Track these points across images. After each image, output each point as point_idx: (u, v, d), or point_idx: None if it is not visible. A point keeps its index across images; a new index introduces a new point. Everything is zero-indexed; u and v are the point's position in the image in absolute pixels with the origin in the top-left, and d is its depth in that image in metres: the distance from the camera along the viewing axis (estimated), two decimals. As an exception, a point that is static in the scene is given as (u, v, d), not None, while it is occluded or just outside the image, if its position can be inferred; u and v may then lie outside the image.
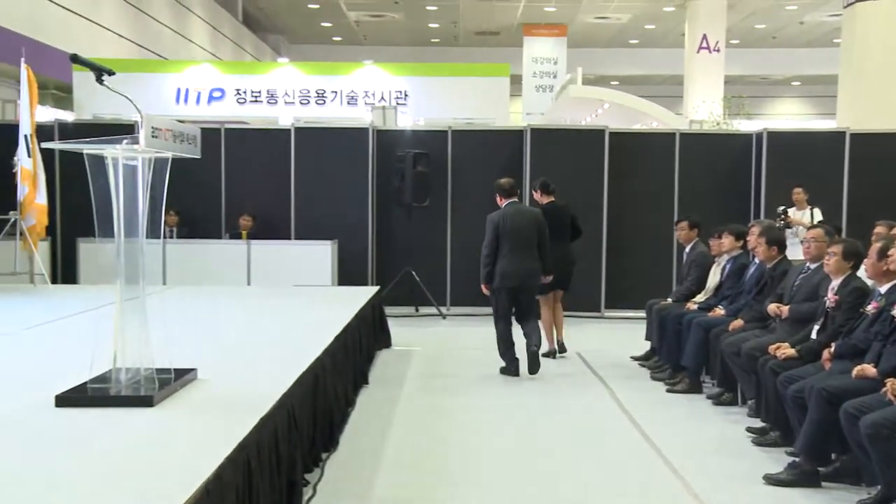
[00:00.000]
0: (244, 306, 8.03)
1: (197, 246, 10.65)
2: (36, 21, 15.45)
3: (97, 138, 4.00)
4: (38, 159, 9.08)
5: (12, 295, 8.49)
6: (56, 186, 10.56)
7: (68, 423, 3.73)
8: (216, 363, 4.93)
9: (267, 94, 15.47)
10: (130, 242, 4.12)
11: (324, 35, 32.35)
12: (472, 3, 26.92)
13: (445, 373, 7.90)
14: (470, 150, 11.37)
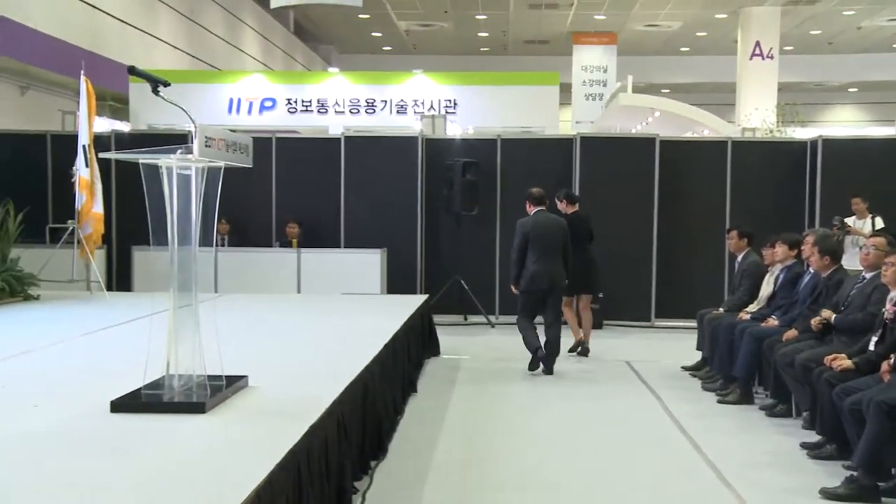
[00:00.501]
0: (294, 314, 8.10)
1: (248, 254, 10.77)
2: (95, 34, 15.78)
3: (152, 148, 4.06)
4: (95, 169, 9.25)
5: (69, 302, 8.66)
6: (112, 195, 10.75)
7: (123, 429, 3.78)
8: (267, 370, 4.97)
9: (317, 104, 15.59)
10: (183, 250, 4.17)
11: (374, 45, 32.55)
12: (522, 11, 26.89)
13: (494, 381, 7.87)
14: (519, 158, 11.35)
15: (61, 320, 7.57)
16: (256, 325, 7.29)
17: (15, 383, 4.75)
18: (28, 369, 5.27)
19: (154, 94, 4.09)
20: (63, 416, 4.01)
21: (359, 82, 15.91)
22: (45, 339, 6.26)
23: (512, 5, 26.07)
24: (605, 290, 10.88)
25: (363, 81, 15.95)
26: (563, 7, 26.12)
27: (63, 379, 4.97)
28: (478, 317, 11.02)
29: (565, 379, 7.98)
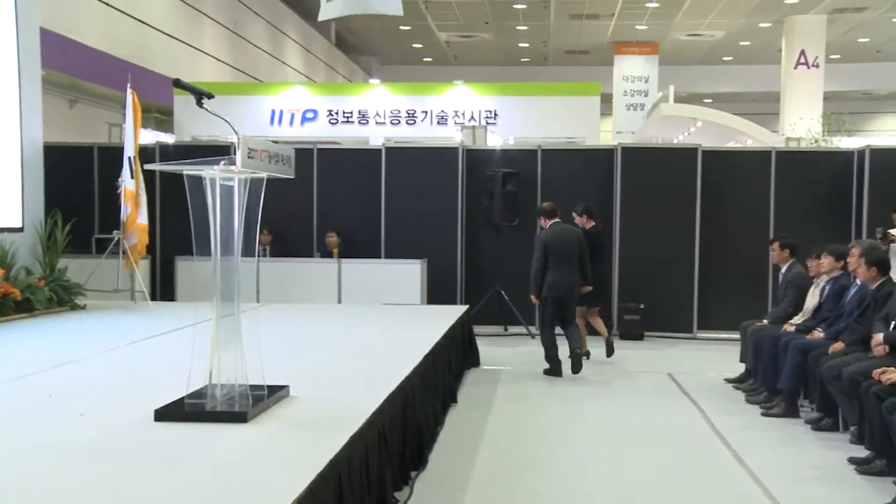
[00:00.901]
0: (335, 324, 8.13)
1: (289, 264, 10.85)
2: (142, 48, 16.03)
3: (196, 160, 4.11)
4: (140, 180, 9.38)
5: (115, 312, 8.78)
6: (156, 206, 10.89)
7: (166, 438, 3.82)
8: (308, 380, 4.99)
9: (358, 115, 15.69)
10: (226, 261, 4.21)
11: (414, 56, 32.69)
12: (563, 22, 26.86)
13: (534, 392, 7.84)
14: (560, 169, 11.32)
15: (107, 330, 7.68)
16: (298, 335, 7.34)
17: (62, 392, 4.82)
18: (75, 378, 5.34)
19: (198, 106, 4.13)
20: (108, 424, 4.06)
21: (399, 93, 15.99)
22: (91, 349, 6.36)
23: (553, 16, 26.05)
24: (646, 300, 10.83)
25: (404, 92, 16.03)
26: (605, 17, 26.05)
27: (108, 388, 5.03)
28: (518, 327, 10.99)
29: (607, 390, 7.93)
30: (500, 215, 10.91)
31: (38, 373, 5.38)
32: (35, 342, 6.94)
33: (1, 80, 8.48)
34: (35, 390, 4.90)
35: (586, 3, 24.52)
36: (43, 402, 4.58)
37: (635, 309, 10.84)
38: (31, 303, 8.16)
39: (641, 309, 10.82)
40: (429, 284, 10.82)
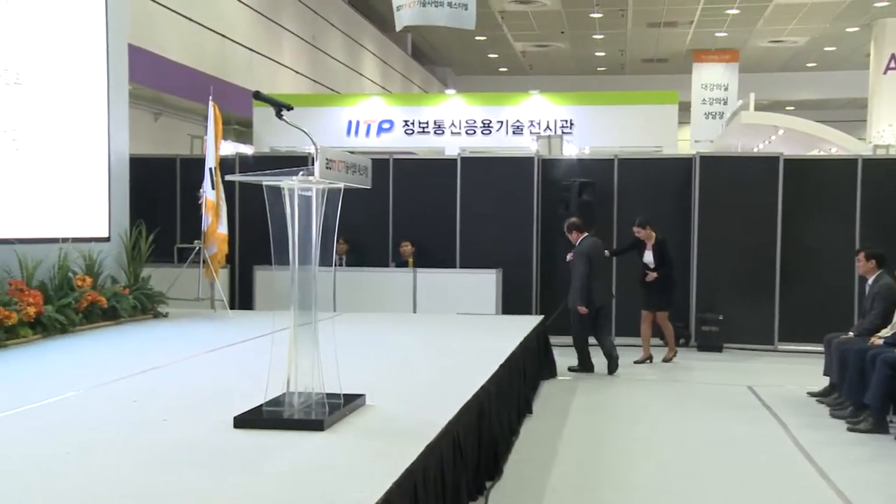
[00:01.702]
0: (410, 333, 8.17)
1: (366, 274, 10.93)
2: (223, 61, 16.39)
3: (275, 170, 4.17)
4: (220, 191, 9.56)
5: (195, 319, 8.97)
6: (236, 216, 11.08)
7: (245, 444, 3.88)
8: (383, 389, 5.02)
9: (434, 125, 15.76)
10: (304, 270, 4.26)
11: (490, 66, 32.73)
12: (640, 30, 26.61)
13: (610, 403, 7.76)
14: (636, 178, 11.19)
15: (187, 337, 7.84)
16: (373, 344, 7.39)
17: (146, 398, 4.93)
18: (157, 384, 5.47)
19: (277, 117, 4.20)
20: (190, 430, 4.14)
21: (475, 103, 16.02)
22: (173, 356, 6.50)
23: (630, 24, 25.83)
24: (725, 312, 10.62)
25: (479, 102, 16.05)
26: (683, 25, 25.72)
27: (189, 394, 5.14)
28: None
29: (684, 403, 7.80)
30: (576, 225, 10.83)
31: (124, 378, 5.52)
32: (120, 349, 7.12)
33: (91, 94, 8.74)
34: (120, 396, 5.02)
35: (664, 11, 24.25)
36: (128, 408, 4.69)
37: (713, 320, 10.64)
38: (117, 310, 8.38)
39: (720, 320, 10.62)
40: (504, 294, 10.79)
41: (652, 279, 9.66)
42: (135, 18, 10.89)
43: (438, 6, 11.29)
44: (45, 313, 7.30)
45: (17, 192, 7.68)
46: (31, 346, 6.92)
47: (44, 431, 4.17)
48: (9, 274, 7.37)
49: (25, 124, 7.73)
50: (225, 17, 16.87)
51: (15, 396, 4.91)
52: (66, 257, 8.05)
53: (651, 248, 9.73)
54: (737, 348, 10.72)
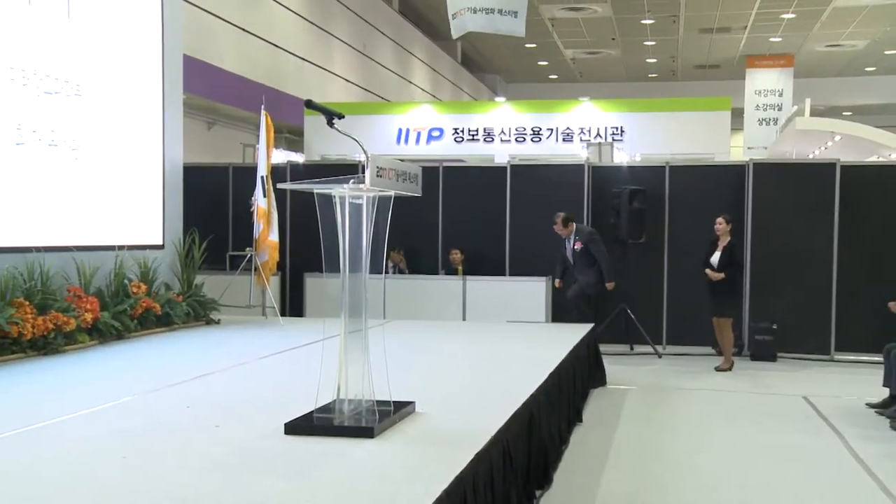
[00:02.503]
0: (460, 341, 8.16)
1: (415, 281, 10.96)
2: (275, 71, 16.58)
3: (326, 178, 4.20)
4: (272, 199, 9.66)
5: (247, 326, 9.06)
6: (286, 224, 11.19)
7: (296, 451, 3.90)
8: (433, 397, 5.02)
9: (484, 133, 15.78)
10: (354, 277, 4.28)
11: (540, 73, 32.68)
12: (692, 36, 26.38)
13: (661, 413, 7.67)
14: (688, 185, 11.08)
15: (239, 344, 7.93)
16: (423, 352, 7.39)
17: (199, 404, 4.99)
18: (210, 391, 5.53)
19: (329, 125, 4.23)
20: (241, 436, 4.18)
21: (525, 111, 16.00)
22: (225, 362, 6.57)
23: (681, 30, 25.63)
24: (780, 320, 10.45)
25: (529, 110, 16.03)
26: (736, 31, 25.45)
27: (241, 400, 5.19)
28: (644, 347, 10.79)
29: (737, 413, 7.68)
30: (626, 233, 10.76)
31: (177, 384, 5.59)
32: (173, 355, 7.22)
33: (147, 105, 8.90)
34: (174, 401, 5.09)
35: (717, 17, 24.02)
36: (181, 413, 4.75)
37: (767, 329, 10.47)
38: (170, 317, 8.50)
39: (774, 329, 10.45)
40: (554, 302, 10.75)
41: (717, 279, 9.55)
42: (189, 29, 11.06)
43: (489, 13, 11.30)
44: (102, 319, 7.43)
45: (76, 201, 7.84)
46: (87, 351, 7.05)
47: (100, 436, 4.24)
48: (67, 280, 7.52)
49: (84, 134, 7.90)
50: (277, 27, 17.07)
51: (73, 401, 5.00)
52: (121, 264, 8.19)
53: (722, 248, 9.63)
54: (791, 358, 10.53)
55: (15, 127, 7.05)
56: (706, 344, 10.50)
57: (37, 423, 4.41)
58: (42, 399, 5.22)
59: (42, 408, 4.82)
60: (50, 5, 7.49)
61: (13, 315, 6.45)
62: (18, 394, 5.38)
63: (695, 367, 9.94)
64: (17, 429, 4.30)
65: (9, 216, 7.05)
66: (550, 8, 23.72)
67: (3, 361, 6.29)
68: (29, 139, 7.22)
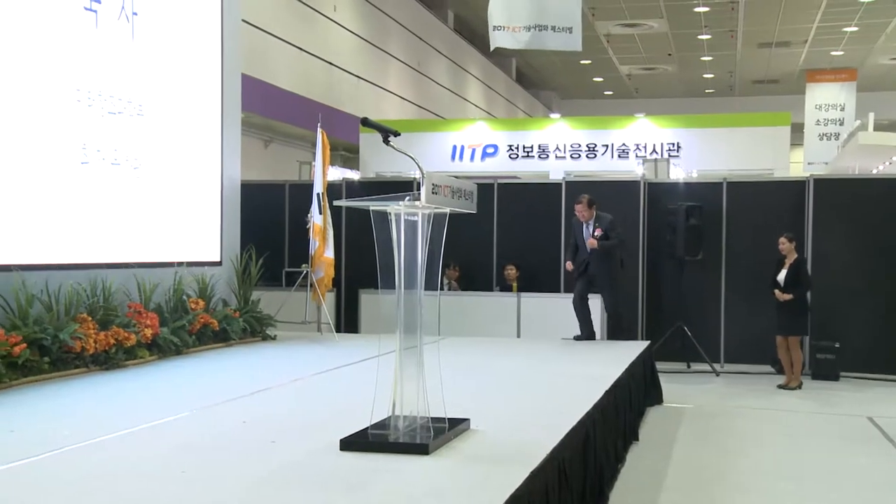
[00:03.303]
0: (514, 358, 8.13)
1: (470, 298, 10.95)
2: (331, 89, 16.77)
3: (381, 195, 4.23)
4: (328, 216, 9.74)
5: (302, 342, 9.13)
6: (342, 241, 11.26)
7: (351, 467, 3.91)
8: (488, 414, 5.00)
9: (538, 149, 15.75)
10: (409, 294, 4.29)
11: (595, 89, 32.57)
12: (751, 51, 26.08)
13: (719, 432, 7.54)
14: (746, 202, 10.92)
15: (295, 360, 7.98)
16: (478, 369, 7.38)
17: (255, 419, 5.04)
18: (266, 406, 5.58)
19: (385, 143, 4.26)
20: (297, 451, 4.21)
21: (580, 127, 15.94)
22: (281, 378, 6.62)
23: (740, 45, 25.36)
24: (842, 339, 10.23)
25: (584, 126, 15.97)
26: (796, 45, 25.11)
27: (297, 416, 5.22)
28: (702, 364, 10.63)
29: (798, 433, 7.53)
30: (682, 249, 10.64)
31: (234, 400, 5.65)
32: (230, 371, 7.30)
33: (206, 123, 9.05)
34: (231, 417, 5.15)
35: (776, 32, 23.72)
36: (238, 429, 4.80)
37: (829, 347, 10.25)
38: (227, 333, 8.60)
39: (836, 348, 10.23)
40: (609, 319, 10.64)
41: (786, 300, 9.43)
42: (247, 49, 11.25)
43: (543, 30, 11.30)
44: (161, 335, 7.55)
45: (137, 219, 7.98)
46: (147, 366, 7.16)
47: (160, 450, 4.30)
48: (128, 297, 7.66)
49: (146, 153, 8.05)
50: (333, 46, 17.27)
51: (133, 415, 5.08)
52: (180, 281, 8.31)
53: (788, 266, 9.50)
54: (855, 377, 10.29)
55: (80, 146, 7.22)
56: (765, 362, 10.32)
57: (98, 437, 4.49)
58: (104, 413, 5.32)
59: (104, 422, 4.90)
60: (115, 29, 7.67)
61: (77, 330, 6.58)
62: (81, 408, 5.48)
63: (754, 386, 9.77)
64: (80, 442, 4.38)
65: (73, 234, 7.21)
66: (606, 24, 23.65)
67: (67, 376, 6.41)
68: (93, 158, 7.39)
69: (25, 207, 6.67)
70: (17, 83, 6.59)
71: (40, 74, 6.81)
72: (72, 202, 7.16)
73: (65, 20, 7.09)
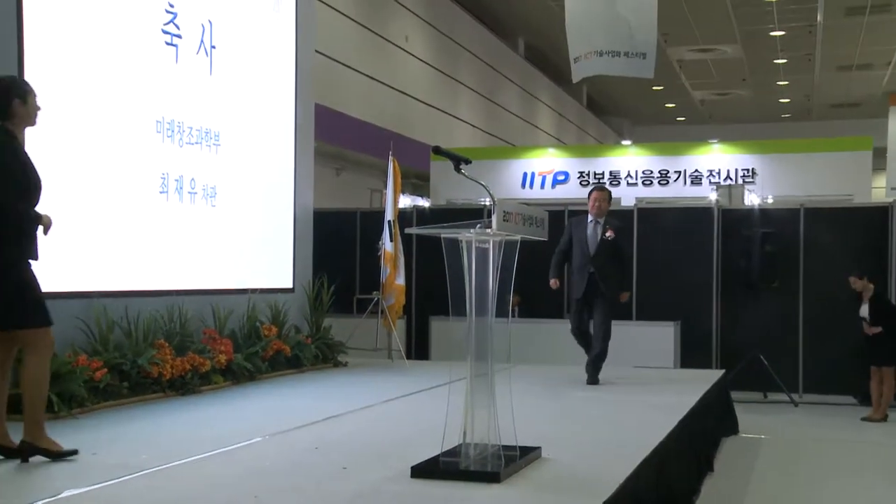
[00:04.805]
0: (586, 386, 8.04)
1: (541, 324, 10.87)
2: (402, 117, 16.94)
3: (452, 223, 4.24)
4: (398, 243, 9.80)
5: (373, 369, 9.17)
6: (412, 268, 11.30)
7: (422, 495, 3.91)
8: (559, 442, 4.96)
9: (610, 176, 15.66)
10: (480, 321, 4.29)
11: (667, 115, 32.28)
12: (829, 75, 25.57)
13: (798, 464, 7.35)
14: (825, 228, 10.68)
15: (366, 387, 8.02)
16: (549, 396, 7.32)
17: (327, 445, 5.07)
18: (337, 432, 5.61)
19: (456, 171, 4.28)
20: (368, 478, 4.22)
21: (651, 154, 15.82)
22: (353, 404, 6.66)
23: (818, 69, 24.89)
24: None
25: (656, 153, 15.84)
26: (879, 67, 24.54)
27: (368, 442, 5.24)
28: (779, 394, 10.38)
29: (883, 467, 7.28)
30: (758, 277, 10.45)
31: (306, 426, 5.70)
32: (302, 397, 7.37)
33: (280, 152, 9.21)
34: (303, 443, 5.18)
35: (857, 54, 23.24)
36: (310, 455, 4.84)
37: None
38: (300, 359, 8.69)
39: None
40: (682, 347, 10.49)
41: (876, 332, 9.20)
42: (320, 79, 11.43)
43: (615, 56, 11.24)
44: (235, 361, 7.66)
45: (212, 247, 8.14)
46: (221, 392, 7.27)
47: (234, 475, 4.36)
48: (204, 323, 7.80)
49: (221, 183, 8.22)
50: (404, 75, 17.46)
51: (208, 440, 5.16)
52: (254, 308, 8.43)
53: (868, 300, 9.27)
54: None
55: (159, 176, 7.41)
56: (848, 392, 10.03)
57: (174, 461, 4.57)
58: (180, 437, 5.41)
59: (180, 446, 4.98)
60: (195, 64, 7.88)
61: (154, 356, 6.72)
62: (158, 432, 5.58)
63: (836, 417, 9.50)
64: (157, 466, 4.46)
65: (152, 261, 7.37)
66: (678, 50, 23.46)
67: (145, 400, 6.54)
68: (171, 188, 7.57)
69: (107, 236, 6.85)
70: (101, 115, 6.80)
71: (123, 106, 7.02)
72: (150, 231, 7.34)
73: (147, 55, 7.31)
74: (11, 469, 4.42)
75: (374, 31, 16.38)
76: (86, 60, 6.68)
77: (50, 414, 5.22)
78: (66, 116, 6.49)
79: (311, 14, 10.05)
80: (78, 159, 6.60)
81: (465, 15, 20.57)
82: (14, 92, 4.52)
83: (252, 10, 8.78)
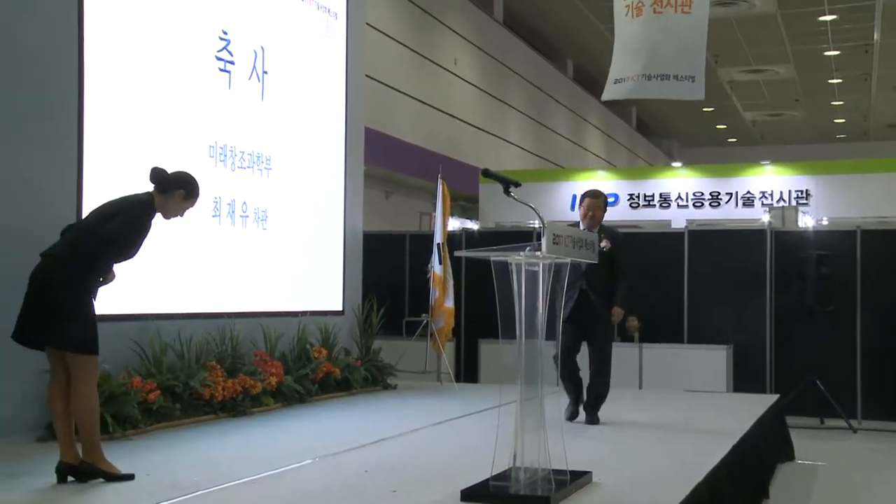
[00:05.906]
0: (637, 410, 7.96)
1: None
2: (451, 140, 17.01)
3: (502, 246, 4.25)
4: (448, 266, 9.81)
5: (422, 392, 9.16)
6: (462, 290, 11.29)
7: (471, 518, 3.89)
8: (610, 467, 4.91)
9: (660, 198, 15.52)
10: (530, 344, 4.27)
11: (718, 137, 32.00)
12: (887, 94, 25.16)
13: (856, 491, 7.17)
14: (882, 251, 10.45)
15: (416, 409, 8.01)
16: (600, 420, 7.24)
17: (376, 468, 5.07)
18: (387, 455, 5.61)
19: (505, 194, 4.29)
20: (418, 501, 4.21)
21: (702, 175, 15.66)
22: (402, 427, 6.65)
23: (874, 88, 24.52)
24: None
25: (707, 174, 15.67)
26: (938, 84, 24.14)
27: (418, 466, 5.23)
28: (836, 420, 10.15)
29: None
30: (813, 300, 10.25)
31: (356, 448, 5.71)
32: (352, 419, 7.39)
33: (330, 175, 9.30)
34: (352, 465, 5.19)
35: (915, 72, 22.89)
36: (360, 477, 4.84)
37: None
38: (349, 381, 8.71)
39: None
40: (735, 371, 10.33)
41: None
42: (370, 103, 11.53)
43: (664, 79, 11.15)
44: (286, 383, 7.70)
45: (263, 269, 8.23)
46: (272, 413, 7.31)
47: (284, 497, 4.38)
48: (255, 345, 7.86)
49: (272, 206, 8.32)
50: (453, 98, 17.54)
51: (258, 462, 5.19)
52: (304, 330, 8.49)
53: None
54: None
55: (212, 200, 7.52)
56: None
57: (225, 483, 4.60)
58: (231, 459, 5.45)
59: (231, 467, 5.02)
60: (247, 90, 8.02)
61: (206, 378, 6.79)
62: (210, 453, 5.63)
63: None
64: (208, 487, 4.49)
65: (204, 284, 7.47)
66: (729, 71, 23.28)
67: (197, 422, 6.61)
68: (223, 211, 7.68)
69: (160, 259, 6.95)
70: (157, 139, 6.93)
71: (178, 131, 7.16)
72: (203, 254, 7.44)
73: (201, 81, 7.44)
74: (69, 490, 4.49)
75: (424, 55, 16.50)
76: (142, 86, 6.83)
77: (105, 435, 5.29)
78: (124, 140, 6.63)
79: (360, 38, 10.16)
80: (133, 183, 6.70)
81: (514, 38, 20.64)
82: (185, 186, 4.97)
83: (303, 35, 8.91)
